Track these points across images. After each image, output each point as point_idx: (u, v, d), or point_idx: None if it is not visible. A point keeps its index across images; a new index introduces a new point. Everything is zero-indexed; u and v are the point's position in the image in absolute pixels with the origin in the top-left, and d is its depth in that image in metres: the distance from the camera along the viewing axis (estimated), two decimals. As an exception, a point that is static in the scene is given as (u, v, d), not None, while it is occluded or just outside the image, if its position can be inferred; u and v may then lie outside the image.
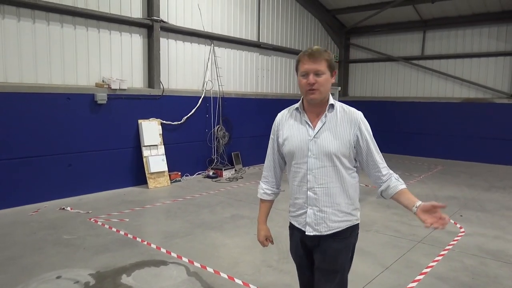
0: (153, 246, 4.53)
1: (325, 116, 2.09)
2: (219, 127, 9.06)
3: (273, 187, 2.35)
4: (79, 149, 6.68)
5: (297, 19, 11.67)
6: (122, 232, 4.96)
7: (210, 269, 3.93)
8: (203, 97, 8.69)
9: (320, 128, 2.07)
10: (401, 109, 12.52)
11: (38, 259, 4.13)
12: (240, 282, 3.69)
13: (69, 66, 6.64)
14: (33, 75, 6.22)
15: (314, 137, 2.07)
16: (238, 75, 9.82)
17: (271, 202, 2.39)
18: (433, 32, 12.01)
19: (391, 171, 2.14)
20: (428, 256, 4.38)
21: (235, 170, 9.15)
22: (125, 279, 3.71)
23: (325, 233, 2.09)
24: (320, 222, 2.09)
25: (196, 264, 4.04)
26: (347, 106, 2.16)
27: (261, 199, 2.38)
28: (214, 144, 9.00)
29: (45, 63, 6.34)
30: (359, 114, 2.13)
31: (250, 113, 9.89)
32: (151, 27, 7.65)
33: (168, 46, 8.12)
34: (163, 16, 7.83)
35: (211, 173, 8.59)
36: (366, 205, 6.45)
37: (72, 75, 6.70)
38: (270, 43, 10.59)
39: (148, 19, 7.60)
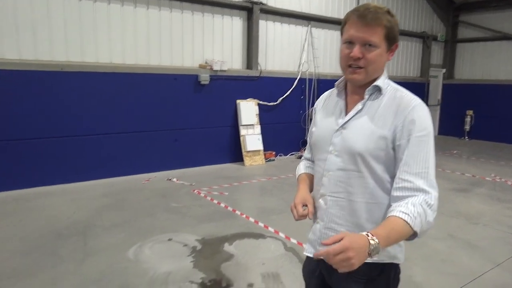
0: (251, 219, 4.76)
1: (364, 101, 1.48)
2: (313, 109, 9.01)
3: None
4: (183, 126, 7.20)
5: (400, -4, 10.97)
6: (222, 205, 5.28)
7: (306, 246, 4.01)
8: (299, 78, 8.71)
9: (353, 116, 1.48)
10: (518, 93, 11.18)
11: (151, 222, 4.61)
12: (336, 261, 3.71)
13: (176, 49, 7.13)
14: (146, 57, 6.81)
15: (341, 127, 1.49)
16: (334, 56, 9.61)
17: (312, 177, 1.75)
18: None
19: (422, 188, 1.33)
20: (549, 257, 3.94)
21: (328, 153, 9.07)
22: (227, 247, 3.97)
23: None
24: None
25: (293, 240, 4.15)
26: (406, 91, 1.47)
27: (299, 176, 1.81)
28: (307, 126, 9.01)
29: (156, 45, 6.88)
30: (414, 103, 1.39)
31: (345, 95, 9.65)
32: (251, 10, 7.82)
33: (267, 28, 8.25)
34: (263, -2, 7.96)
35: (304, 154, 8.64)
36: (473, 196, 5.98)
37: (179, 57, 7.19)
38: (369, 22, 10.13)
39: (249, 1, 7.76)
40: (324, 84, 9.21)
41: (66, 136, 6.03)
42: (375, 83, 1.45)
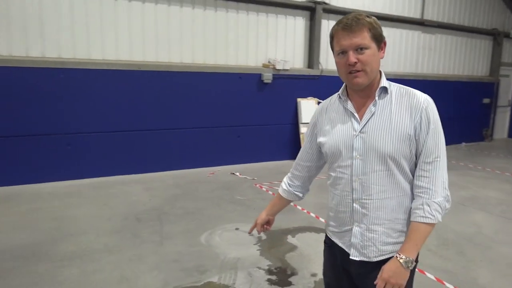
0: (312, 214, 4.96)
1: (375, 103, 1.57)
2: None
3: (298, 190, 1.99)
4: (246, 122, 7.54)
5: (470, -9, 10.51)
6: (283, 199, 5.51)
7: (367, 243, 4.13)
8: (360, 77, 8.70)
9: (369, 119, 1.57)
10: None
11: (219, 212, 4.97)
12: (397, 259, 3.80)
13: (241, 48, 7.47)
14: (213, 56, 7.22)
15: (360, 132, 1.59)
16: (397, 55, 9.48)
17: (287, 202, 2.05)
18: None
19: (436, 191, 1.53)
20: None
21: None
22: (290, 239, 4.20)
23: (375, 259, 1.62)
24: (368, 245, 1.62)
25: (354, 236, 4.28)
26: (408, 88, 1.60)
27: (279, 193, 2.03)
28: (367, 125, 8.97)
29: (223, 45, 7.27)
30: (424, 98, 1.54)
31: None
32: (314, 10, 7.96)
33: (328, 27, 8.32)
34: (326, -3, 8.06)
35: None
36: (544, 203, 5.73)
37: (244, 56, 7.53)
38: (435, 19, 9.85)
39: (312, 1, 7.91)
40: (386, 83, 9.11)
41: (141, 130, 6.59)
42: (382, 85, 1.58)
